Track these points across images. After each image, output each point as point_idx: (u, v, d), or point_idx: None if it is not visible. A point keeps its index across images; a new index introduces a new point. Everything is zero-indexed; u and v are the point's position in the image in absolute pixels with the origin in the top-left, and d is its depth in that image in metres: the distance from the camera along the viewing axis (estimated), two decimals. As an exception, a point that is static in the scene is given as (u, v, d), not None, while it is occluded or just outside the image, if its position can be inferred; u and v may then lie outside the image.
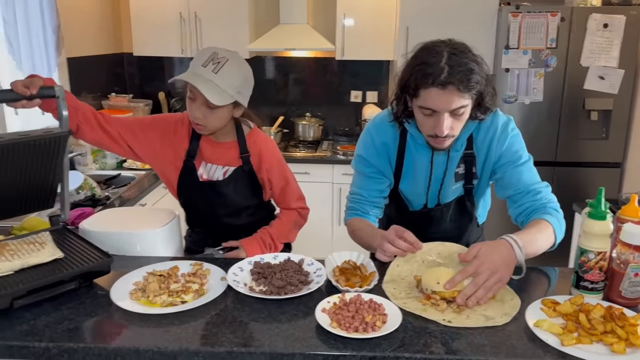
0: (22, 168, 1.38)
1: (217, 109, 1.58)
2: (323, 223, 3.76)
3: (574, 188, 3.48)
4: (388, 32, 3.77)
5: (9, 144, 1.31)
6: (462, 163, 1.60)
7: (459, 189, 1.65)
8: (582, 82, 3.35)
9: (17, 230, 1.87)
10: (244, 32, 3.77)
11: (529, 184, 1.53)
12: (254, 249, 1.73)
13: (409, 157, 1.61)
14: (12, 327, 1.14)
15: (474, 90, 1.38)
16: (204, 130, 1.65)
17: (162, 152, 1.74)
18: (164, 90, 4.30)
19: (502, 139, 1.56)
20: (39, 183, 1.45)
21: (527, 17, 3.28)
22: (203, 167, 1.75)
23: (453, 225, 1.70)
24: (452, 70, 1.33)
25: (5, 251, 1.32)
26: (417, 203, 1.69)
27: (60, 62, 3.18)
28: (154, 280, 1.31)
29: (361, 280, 1.34)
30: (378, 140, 1.62)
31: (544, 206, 1.50)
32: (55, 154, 1.42)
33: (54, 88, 1.43)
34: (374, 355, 1.06)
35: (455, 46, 1.39)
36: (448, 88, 1.34)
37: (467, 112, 1.43)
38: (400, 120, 1.55)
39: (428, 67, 1.35)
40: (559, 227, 1.46)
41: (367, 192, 1.65)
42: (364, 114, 4.06)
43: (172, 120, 1.76)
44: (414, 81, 1.39)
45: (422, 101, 1.40)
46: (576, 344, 1.08)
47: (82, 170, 3.06)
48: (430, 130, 1.44)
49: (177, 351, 1.07)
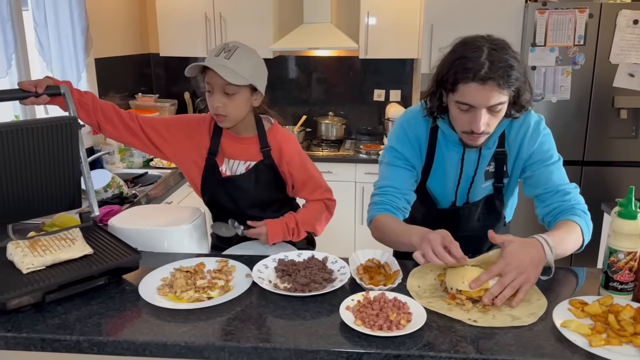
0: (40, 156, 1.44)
1: (235, 95, 1.62)
2: (346, 222, 3.75)
3: (602, 188, 3.42)
4: (412, 30, 3.75)
5: (23, 126, 1.39)
6: (492, 161, 1.59)
7: (488, 188, 1.63)
8: (611, 80, 3.27)
9: (48, 226, 1.92)
10: (267, 31, 3.79)
11: (558, 184, 1.52)
12: (277, 231, 1.73)
13: (439, 154, 1.60)
14: (45, 321, 1.17)
15: (513, 87, 1.37)
16: (225, 121, 1.66)
17: (185, 151, 1.78)
18: (189, 90, 4.35)
19: (534, 137, 1.54)
20: (60, 176, 1.51)
21: (554, 14, 3.23)
22: (225, 163, 1.77)
23: (481, 224, 1.68)
24: (493, 65, 1.32)
25: (37, 247, 1.35)
26: (445, 201, 1.67)
27: (88, 62, 3.25)
28: (181, 276, 1.33)
29: (385, 279, 1.35)
30: (411, 134, 1.60)
31: (572, 207, 1.48)
32: (67, 140, 1.48)
33: (59, 87, 1.55)
34: (398, 354, 1.06)
35: (496, 42, 1.38)
36: (488, 83, 1.33)
37: (504, 109, 1.42)
38: (434, 116, 1.53)
39: (468, 61, 1.34)
40: (587, 229, 1.45)
41: (399, 184, 1.59)
42: (387, 112, 4.04)
43: (194, 120, 1.80)
44: (453, 75, 1.37)
45: (459, 96, 1.38)
46: (605, 345, 1.06)
47: (110, 168, 3.12)
48: (465, 126, 1.43)
49: (204, 346, 1.09)
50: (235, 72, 1.58)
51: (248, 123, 1.75)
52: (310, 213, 1.82)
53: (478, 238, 1.61)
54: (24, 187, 1.44)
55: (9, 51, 2.53)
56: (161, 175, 3.17)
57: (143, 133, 1.74)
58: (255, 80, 1.65)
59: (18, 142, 1.39)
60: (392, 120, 3.96)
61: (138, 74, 4.18)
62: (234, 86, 1.60)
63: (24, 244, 1.36)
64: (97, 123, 1.70)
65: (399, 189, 1.59)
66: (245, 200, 1.78)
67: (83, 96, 1.67)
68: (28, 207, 1.48)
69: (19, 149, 1.40)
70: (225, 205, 1.80)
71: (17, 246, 1.35)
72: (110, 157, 3.19)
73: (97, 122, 1.70)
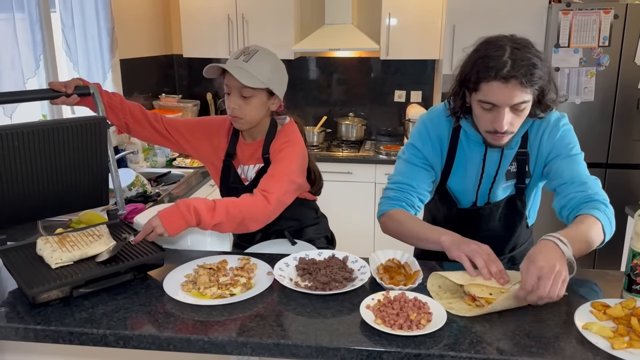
0: (69, 155, 1.49)
1: (251, 98, 1.64)
2: (365, 222, 3.76)
3: (626, 191, 3.36)
4: (434, 31, 3.74)
5: (53, 126, 1.44)
6: (514, 161, 1.58)
7: (509, 188, 1.62)
8: (636, 82, 3.22)
9: (75, 223, 1.96)
10: (289, 33, 3.82)
11: (575, 175, 1.48)
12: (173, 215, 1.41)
13: (460, 153, 1.60)
14: (73, 315, 1.21)
15: (536, 86, 1.36)
16: (241, 123, 1.68)
17: (205, 152, 1.83)
18: (211, 91, 4.40)
19: (554, 132, 1.53)
20: (88, 174, 1.55)
21: (578, 15, 3.19)
22: (240, 168, 1.80)
23: (502, 225, 1.67)
24: (515, 64, 1.32)
25: (66, 242, 1.39)
26: (466, 201, 1.67)
27: (114, 63, 3.31)
28: (204, 273, 1.36)
29: (405, 279, 1.35)
30: (433, 133, 1.60)
31: (590, 198, 1.43)
32: (97, 140, 1.52)
33: (88, 87, 1.60)
34: (418, 353, 1.06)
35: (518, 41, 1.38)
36: (510, 82, 1.33)
37: (528, 109, 1.41)
38: (457, 116, 1.53)
39: (491, 60, 1.34)
40: (608, 222, 1.39)
41: (416, 183, 1.59)
42: (408, 113, 4.04)
43: (215, 122, 1.83)
44: (475, 74, 1.38)
45: (482, 95, 1.38)
46: (627, 348, 1.05)
47: (134, 167, 3.18)
48: (488, 125, 1.43)
49: (227, 341, 1.11)
50: (252, 75, 1.60)
51: (262, 127, 1.76)
52: (235, 199, 1.53)
53: (500, 238, 1.60)
54: (54, 184, 1.49)
55: (37, 52, 2.60)
56: (184, 175, 3.22)
57: (169, 134, 1.80)
58: (273, 84, 1.65)
59: (49, 141, 1.44)
60: (412, 122, 3.96)
61: (162, 75, 4.25)
62: (250, 89, 1.62)
63: (53, 240, 1.40)
64: (125, 124, 1.75)
65: (414, 188, 1.59)
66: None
67: (112, 98, 1.71)
68: (57, 203, 1.53)
69: (49, 147, 1.44)
70: None
71: (46, 241, 1.39)
72: (134, 156, 3.25)
73: (125, 124, 1.75)
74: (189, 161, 3.47)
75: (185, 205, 1.41)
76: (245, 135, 1.79)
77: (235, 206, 1.49)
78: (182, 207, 1.41)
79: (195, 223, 1.42)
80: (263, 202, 1.54)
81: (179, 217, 1.40)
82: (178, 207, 1.41)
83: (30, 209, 1.49)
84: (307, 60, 4.26)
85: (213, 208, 1.44)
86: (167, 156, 3.48)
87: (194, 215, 1.40)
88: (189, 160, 3.50)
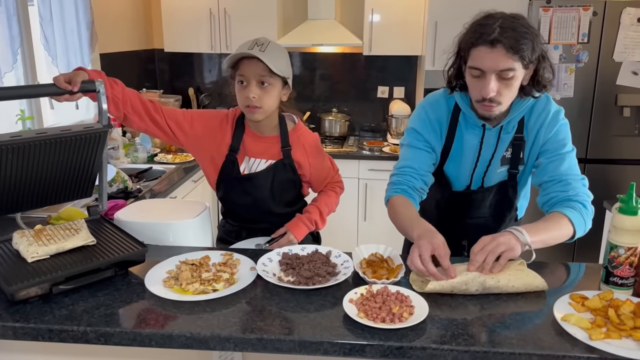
0: (63, 161, 1.44)
1: (270, 87, 1.64)
2: (349, 218, 3.77)
3: (605, 186, 3.42)
4: (416, 27, 3.76)
5: (53, 139, 1.37)
6: (510, 147, 1.61)
7: (503, 173, 1.65)
8: (614, 78, 3.28)
9: (55, 219, 1.93)
10: (272, 28, 3.80)
11: (562, 174, 1.53)
12: (301, 230, 1.79)
13: (459, 136, 1.62)
14: (52, 312, 1.19)
15: (523, 54, 1.39)
16: (259, 113, 1.66)
17: (204, 146, 1.78)
18: (193, 86, 4.37)
19: (552, 125, 1.56)
20: (79, 174, 1.52)
21: (558, 12, 3.23)
22: (246, 162, 1.78)
23: (492, 212, 1.70)
24: (503, 31, 1.38)
25: (42, 236, 1.37)
26: (460, 184, 1.69)
27: (93, 58, 3.27)
28: (186, 269, 1.35)
29: (388, 273, 1.36)
30: (433, 116, 1.63)
31: (569, 199, 1.49)
32: (94, 148, 1.48)
33: (94, 83, 1.47)
34: (400, 346, 1.07)
35: (512, 14, 1.45)
36: (497, 47, 1.38)
37: (517, 80, 1.44)
38: (452, 86, 1.57)
39: (481, 27, 1.41)
40: (581, 221, 1.45)
41: (418, 165, 1.61)
42: (391, 109, 4.05)
43: (218, 116, 1.79)
44: (467, 41, 1.44)
45: (471, 61, 1.43)
46: (604, 339, 1.07)
47: (114, 163, 3.14)
48: (477, 93, 1.46)
49: (209, 337, 1.10)
50: (273, 63, 1.60)
51: (272, 121, 1.76)
52: (330, 199, 1.90)
53: (487, 227, 1.63)
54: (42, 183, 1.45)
55: (14, 46, 2.55)
56: (165, 171, 3.19)
57: (167, 126, 1.72)
58: (288, 73, 1.69)
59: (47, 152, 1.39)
60: (395, 117, 3.98)
61: (143, 70, 4.20)
62: (270, 77, 1.62)
63: (29, 233, 1.38)
64: (124, 115, 1.64)
65: (416, 170, 1.61)
66: (260, 198, 1.79)
67: (114, 88, 1.60)
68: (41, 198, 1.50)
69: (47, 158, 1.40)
70: (240, 201, 1.81)
71: (22, 235, 1.37)
72: (115, 152, 3.21)
73: (124, 115, 1.64)
74: (171, 157, 3.44)
75: (308, 219, 1.81)
76: (255, 128, 1.76)
77: (331, 205, 1.90)
78: (306, 221, 1.81)
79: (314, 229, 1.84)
80: (340, 191, 1.96)
81: (304, 228, 1.80)
82: (302, 221, 1.80)
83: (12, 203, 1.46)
84: (290, 55, 4.20)
85: (321, 214, 1.85)
86: (149, 152, 3.45)
87: (314, 225, 1.82)
88: (171, 155, 3.47)
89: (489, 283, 1.26)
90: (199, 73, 4.40)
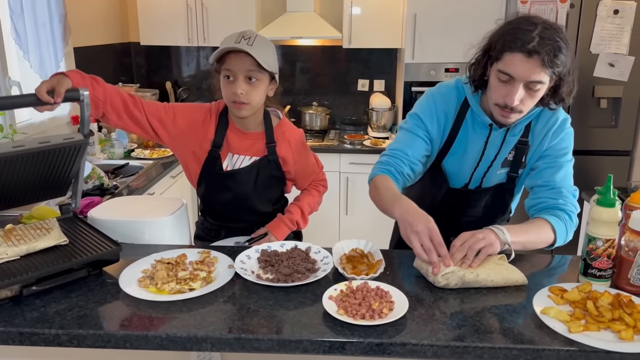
0: (41, 171, 1.41)
1: (258, 82, 1.60)
2: (331, 213, 3.76)
3: (583, 176, 3.44)
4: (395, 20, 3.75)
5: (31, 153, 1.33)
6: (513, 150, 1.59)
7: (502, 175, 1.64)
8: (591, 70, 3.31)
9: (26, 219, 1.88)
10: (250, 20, 3.75)
11: (556, 182, 1.52)
12: (282, 231, 1.77)
13: (463, 133, 1.59)
14: (23, 314, 1.15)
15: (557, 70, 1.37)
16: (246, 109, 1.62)
17: (186, 141, 1.72)
18: (170, 79, 4.30)
19: (558, 132, 1.56)
20: (56, 180, 1.48)
21: (535, 4, 3.24)
22: (229, 158, 1.74)
23: (485, 213, 1.69)
24: (542, 41, 1.33)
25: (12, 236, 1.33)
26: (458, 181, 1.67)
27: (67, 52, 3.19)
28: (162, 268, 1.32)
29: (368, 268, 1.35)
30: (440, 109, 1.59)
31: (556, 207, 1.49)
32: (74, 157, 1.44)
33: (79, 92, 1.40)
34: (380, 342, 1.06)
35: (552, 23, 1.39)
36: (533, 57, 1.34)
37: (541, 92, 1.42)
38: (475, 85, 1.53)
39: (520, 32, 1.36)
40: (563, 230, 1.46)
41: (411, 152, 1.58)
42: (372, 102, 4.04)
43: (202, 110, 1.74)
44: (502, 43, 1.39)
45: (503, 65, 1.39)
46: (584, 331, 1.08)
47: (90, 159, 3.08)
48: (500, 98, 1.43)
49: (186, 337, 1.08)
50: (261, 57, 1.56)
51: (258, 117, 1.72)
52: (312, 198, 1.90)
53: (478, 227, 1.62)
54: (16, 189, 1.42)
55: (-16, 40, 2.48)
56: (142, 166, 3.14)
57: (148, 123, 1.65)
58: (276, 68, 1.65)
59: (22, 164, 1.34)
60: (376, 110, 3.97)
61: (118, 64, 4.12)
62: (259, 73, 1.58)
63: (-1, 234, 1.33)
64: (102, 114, 1.58)
65: (408, 156, 1.57)
66: (243, 195, 1.75)
67: (95, 88, 1.53)
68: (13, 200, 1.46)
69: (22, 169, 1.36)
70: (221, 199, 1.77)
71: (-9, 236, 1.32)
72: (90, 147, 3.14)
73: (103, 113, 1.58)
74: (148, 152, 3.39)
75: (290, 220, 1.80)
76: (239, 124, 1.72)
77: (314, 204, 1.90)
78: (287, 221, 1.79)
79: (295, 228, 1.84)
80: (323, 190, 1.96)
81: (285, 229, 1.79)
82: (283, 222, 1.79)
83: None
84: (269, 48, 4.20)
85: (302, 214, 1.84)
86: (125, 147, 3.39)
87: (295, 225, 1.82)
88: (148, 151, 3.42)
89: (468, 277, 1.25)
90: (177, 66, 4.33)
